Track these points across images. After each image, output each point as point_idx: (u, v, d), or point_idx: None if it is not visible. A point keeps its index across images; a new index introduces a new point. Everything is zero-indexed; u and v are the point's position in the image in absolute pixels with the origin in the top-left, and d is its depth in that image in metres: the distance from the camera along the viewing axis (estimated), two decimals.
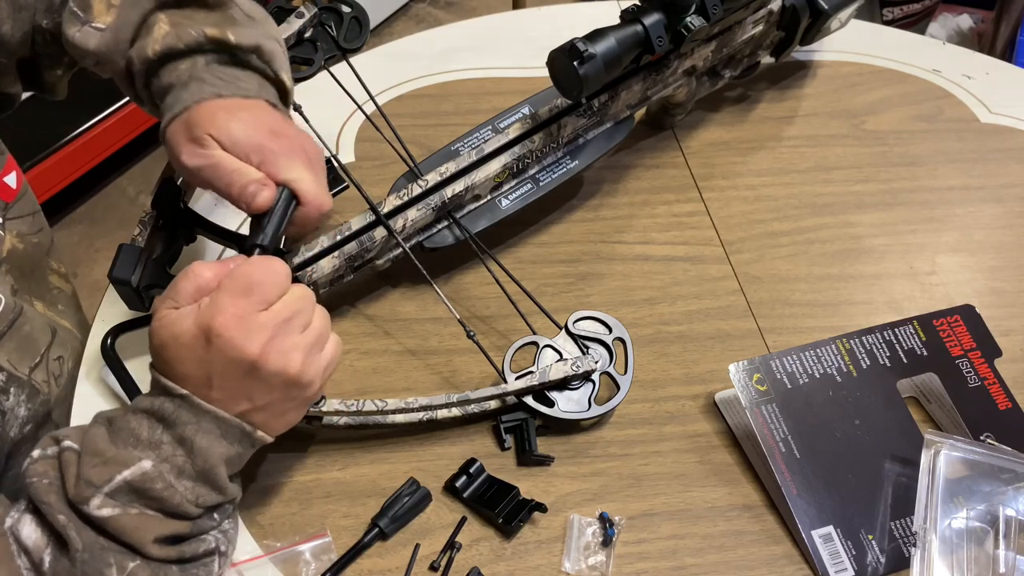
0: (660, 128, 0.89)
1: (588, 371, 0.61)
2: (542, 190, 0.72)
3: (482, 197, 0.70)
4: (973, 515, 0.56)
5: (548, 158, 0.73)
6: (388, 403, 0.59)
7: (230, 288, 0.48)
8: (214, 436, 0.49)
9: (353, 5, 0.76)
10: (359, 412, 0.59)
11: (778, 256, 0.78)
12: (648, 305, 0.73)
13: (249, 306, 0.48)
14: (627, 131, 0.76)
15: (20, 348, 0.63)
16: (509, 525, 0.58)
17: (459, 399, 0.60)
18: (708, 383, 0.68)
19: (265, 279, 0.49)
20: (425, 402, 0.60)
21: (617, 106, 0.74)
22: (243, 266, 0.50)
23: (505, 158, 0.69)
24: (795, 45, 0.88)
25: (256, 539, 0.58)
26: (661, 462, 0.63)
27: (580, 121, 0.72)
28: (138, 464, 0.47)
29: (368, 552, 0.58)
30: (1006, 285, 0.76)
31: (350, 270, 0.66)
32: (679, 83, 0.79)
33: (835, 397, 0.63)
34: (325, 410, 0.58)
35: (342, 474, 0.62)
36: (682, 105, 0.85)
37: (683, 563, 0.58)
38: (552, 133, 0.71)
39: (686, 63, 0.77)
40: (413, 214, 0.66)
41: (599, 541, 0.58)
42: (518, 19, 1.05)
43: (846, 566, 0.57)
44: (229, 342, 0.47)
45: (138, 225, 0.62)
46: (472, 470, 0.60)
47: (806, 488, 0.59)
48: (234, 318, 0.48)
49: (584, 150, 0.74)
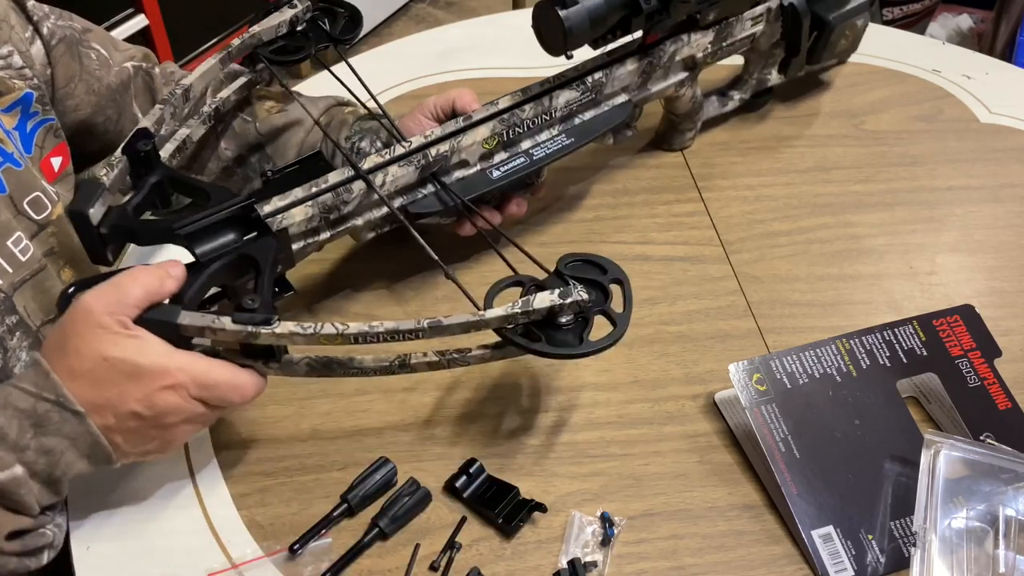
0: (671, 148, 0.87)
1: (578, 303, 0.55)
2: (535, 164, 0.70)
3: (470, 164, 0.68)
4: (973, 515, 0.56)
5: (543, 133, 0.71)
6: (350, 327, 0.54)
7: (204, 382, 0.52)
8: (80, 455, 0.52)
9: (347, 6, 0.76)
10: (316, 336, 0.53)
11: (778, 256, 0.78)
12: (648, 305, 0.73)
13: (202, 397, 0.53)
14: (624, 116, 0.75)
15: (38, 300, 0.64)
16: (509, 525, 0.58)
17: (430, 324, 0.54)
18: (708, 383, 0.68)
19: (234, 396, 0.54)
20: (391, 326, 0.54)
21: (612, 86, 0.73)
22: (232, 374, 0.54)
23: (494, 123, 0.68)
24: (801, 59, 0.86)
25: (256, 540, 0.58)
26: (661, 462, 0.63)
27: (573, 94, 0.71)
28: (11, 470, 0.50)
29: (368, 552, 0.58)
30: (1006, 285, 0.76)
31: (326, 224, 0.64)
32: (679, 79, 0.78)
33: (835, 397, 0.63)
34: (279, 332, 0.53)
35: (342, 474, 0.61)
36: (689, 118, 0.84)
37: (683, 563, 0.58)
38: (544, 104, 0.69)
39: (684, 51, 0.76)
40: (395, 170, 0.64)
41: (598, 540, 0.58)
42: (518, 19, 1.05)
43: (846, 566, 0.57)
44: (162, 413, 0.52)
45: (104, 166, 0.60)
46: (472, 470, 0.60)
47: (806, 488, 0.59)
48: (184, 401, 0.52)
49: (580, 130, 0.73)
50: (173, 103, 0.66)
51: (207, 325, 0.52)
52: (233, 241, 0.58)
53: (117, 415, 0.52)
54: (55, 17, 0.71)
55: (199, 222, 0.56)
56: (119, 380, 0.51)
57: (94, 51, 0.73)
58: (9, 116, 0.65)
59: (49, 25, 0.70)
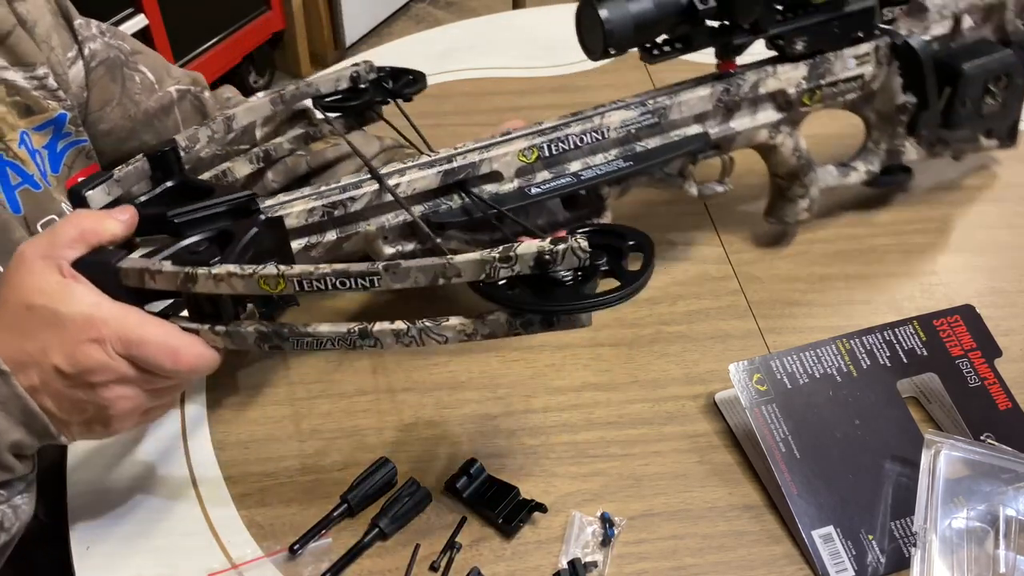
0: (782, 221, 0.77)
1: (574, 251, 0.45)
2: (582, 183, 0.64)
3: (504, 178, 0.63)
4: (973, 515, 0.56)
5: (597, 156, 0.66)
6: (293, 268, 0.48)
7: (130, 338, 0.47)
8: (13, 422, 0.47)
9: (414, 72, 0.73)
10: (256, 276, 0.48)
11: (778, 256, 0.78)
12: (648, 305, 0.73)
13: (130, 355, 0.47)
14: (697, 146, 0.68)
15: None
16: (509, 525, 0.58)
17: (386, 266, 0.46)
18: (708, 383, 0.68)
19: (166, 360, 0.48)
20: (340, 268, 0.47)
21: (680, 111, 0.67)
22: (166, 333, 0.48)
23: (533, 136, 0.63)
24: (933, 116, 0.72)
25: (256, 540, 0.58)
26: (661, 462, 0.63)
27: (629, 114, 0.65)
28: None
29: (368, 552, 0.58)
30: (1006, 285, 0.76)
31: (331, 222, 0.60)
32: (771, 120, 0.70)
33: (835, 397, 0.63)
34: (216, 272, 0.48)
35: (342, 474, 0.61)
36: (798, 181, 0.74)
37: (683, 563, 0.58)
38: (593, 122, 0.65)
39: (770, 83, 0.69)
40: (415, 174, 0.60)
41: (598, 541, 0.58)
42: (518, 19, 1.05)
43: (846, 566, 0.57)
44: (86, 370, 0.47)
45: (123, 164, 0.58)
46: (472, 470, 0.60)
47: (806, 488, 0.59)
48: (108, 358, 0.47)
49: (640, 156, 0.66)
50: (213, 127, 0.64)
51: (146, 267, 0.49)
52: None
53: (41, 373, 0.47)
54: (106, 36, 0.70)
55: (196, 212, 0.54)
56: (40, 330, 0.47)
57: (140, 74, 0.72)
58: (40, 135, 0.65)
59: (93, 46, 0.69)
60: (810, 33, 0.68)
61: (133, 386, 0.49)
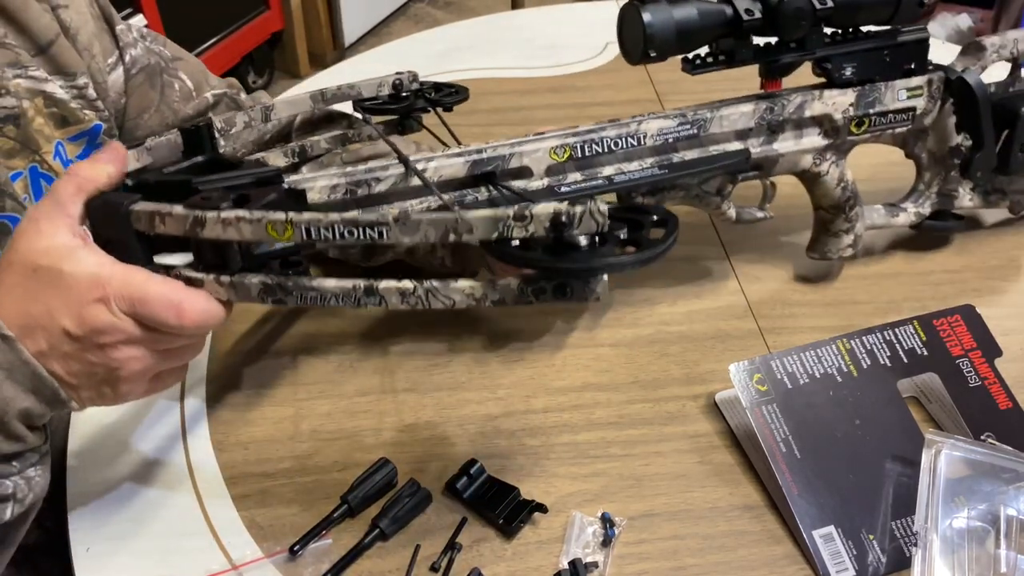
0: (824, 257, 0.75)
1: (592, 214, 0.44)
2: (613, 187, 0.63)
3: (533, 174, 0.62)
4: (974, 515, 0.56)
5: (632, 163, 0.64)
6: (303, 215, 0.46)
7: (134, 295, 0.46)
8: (21, 389, 0.46)
9: (457, 87, 0.73)
10: (263, 222, 0.46)
11: (779, 256, 0.78)
12: (648, 305, 0.73)
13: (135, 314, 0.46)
14: (737, 162, 0.66)
15: None
16: (510, 526, 0.58)
17: (396, 217, 0.45)
18: (708, 383, 0.68)
19: (169, 315, 0.47)
20: (351, 216, 0.45)
21: (720, 125, 0.65)
22: (169, 289, 0.47)
23: (567, 136, 0.62)
24: (989, 159, 0.69)
25: (256, 540, 0.58)
26: (662, 462, 0.63)
27: (667, 123, 0.64)
28: None
29: (368, 553, 0.58)
30: (1006, 285, 0.76)
31: (354, 202, 0.59)
32: (815, 146, 0.69)
33: (836, 397, 0.63)
34: (225, 216, 0.47)
35: (342, 475, 0.61)
36: (842, 214, 0.72)
37: (684, 563, 0.58)
38: (630, 128, 0.64)
39: (815, 106, 0.67)
40: (441, 161, 0.59)
41: (599, 541, 0.58)
42: (518, 19, 1.05)
43: (847, 566, 0.57)
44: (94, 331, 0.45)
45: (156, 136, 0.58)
46: (472, 471, 0.60)
47: (807, 488, 0.59)
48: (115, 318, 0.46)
49: (677, 165, 0.65)
50: (251, 114, 0.64)
51: (156, 210, 0.47)
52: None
53: (49, 336, 0.46)
54: (147, 41, 0.70)
55: (221, 181, 0.53)
56: (45, 292, 0.46)
57: (179, 81, 0.72)
58: (74, 145, 0.65)
59: (134, 52, 0.69)
60: (859, 60, 0.66)
61: (141, 346, 0.48)
